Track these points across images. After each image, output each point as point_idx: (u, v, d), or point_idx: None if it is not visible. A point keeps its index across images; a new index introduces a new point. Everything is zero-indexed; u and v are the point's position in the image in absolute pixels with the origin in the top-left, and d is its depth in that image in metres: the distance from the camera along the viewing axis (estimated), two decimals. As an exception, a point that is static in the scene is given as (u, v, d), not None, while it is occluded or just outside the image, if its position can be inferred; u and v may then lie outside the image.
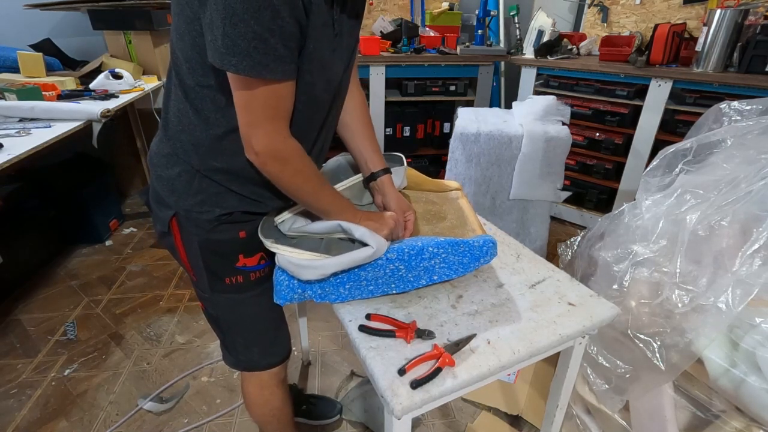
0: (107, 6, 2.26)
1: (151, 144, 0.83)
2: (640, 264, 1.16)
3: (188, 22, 0.64)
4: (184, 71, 0.69)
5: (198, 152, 0.74)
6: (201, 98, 0.70)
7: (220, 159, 0.74)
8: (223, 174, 0.76)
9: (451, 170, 1.94)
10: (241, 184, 0.78)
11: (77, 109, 1.71)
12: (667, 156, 1.34)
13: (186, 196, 0.77)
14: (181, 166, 0.76)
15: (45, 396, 1.49)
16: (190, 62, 0.68)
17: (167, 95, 0.76)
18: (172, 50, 0.71)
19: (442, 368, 0.68)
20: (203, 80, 0.68)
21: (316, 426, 1.39)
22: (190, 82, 0.70)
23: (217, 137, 0.73)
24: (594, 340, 1.20)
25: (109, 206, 2.53)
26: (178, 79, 0.71)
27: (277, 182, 0.73)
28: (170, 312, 1.89)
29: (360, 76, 2.54)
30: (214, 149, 0.74)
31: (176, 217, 0.79)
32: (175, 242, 0.82)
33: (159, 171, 0.79)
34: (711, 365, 0.99)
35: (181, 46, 0.68)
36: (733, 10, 1.90)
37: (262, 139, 0.67)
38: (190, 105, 0.72)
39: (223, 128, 0.72)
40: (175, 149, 0.76)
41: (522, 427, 1.38)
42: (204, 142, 0.73)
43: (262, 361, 0.95)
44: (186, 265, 0.85)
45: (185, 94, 0.71)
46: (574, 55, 2.55)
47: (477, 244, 0.82)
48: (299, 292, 0.80)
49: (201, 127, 0.72)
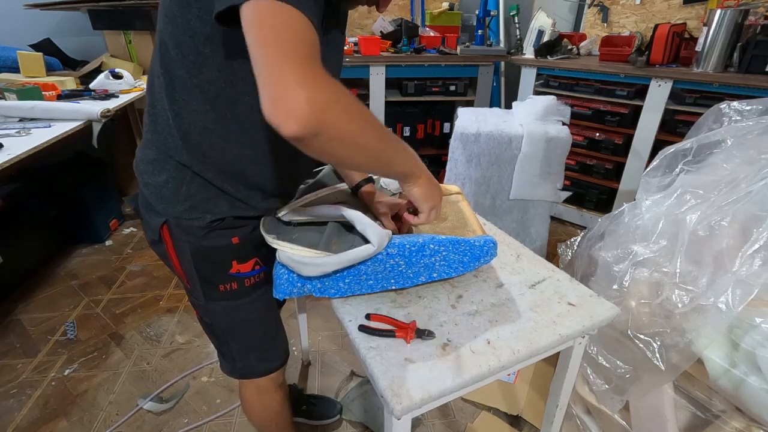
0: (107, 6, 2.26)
1: (136, 151, 0.79)
2: (640, 264, 1.16)
3: (182, 5, 0.61)
4: (173, 59, 0.65)
5: (188, 147, 0.71)
6: (190, 88, 0.66)
7: (211, 153, 0.71)
8: (215, 171, 0.73)
9: (451, 170, 1.94)
10: (234, 182, 0.75)
11: (77, 109, 1.71)
12: (667, 156, 1.34)
13: (175, 203, 0.74)
14: (168, 172, 0.73)
15: (45, 396, 1.49)
16: (180, 48, 0.63)
17: (150, 91, 0.72)
18: (159, 39, 0.66)
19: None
20: (194, 68, 0.64)
21: (316, 426, 1.39)
22: (180, 72, 0.65)
23: (206, 130, 0.69)
24: (594, 340, 1.20)
25: (109, 206, 2.53)
26: (164, 69, 0.66)
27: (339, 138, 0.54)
28: (170, 312, 1.89)
29: (360, 76, 2.58)
30: (204, 143, 0.70)
31: (167, 225, 0.77)
32: (167, 250, 0.80)
33: (146, 178, 0.75)
34: (711, 365, 0.99)
35: (171, 31, 0.63)
36: (733, 10, 1.90)
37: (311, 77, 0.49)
38: (179, 96, 0.67)
39: (213, 119, 0.68)
40: (162, 151, 0.73)
41: (522, 427, 1.38)
42: (193, 136, 0.69)
43: (259, 367, 0.93)
44: (179, 272, 0.82)
45: (172, 85, 0.67)
46: (574, 55, 2.55)
47: (478, 243, 0.82)
48: (298, 286, 0.80)
49: (190, 120, 0.69)
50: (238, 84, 0.66)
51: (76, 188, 2.29)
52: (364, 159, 0.61)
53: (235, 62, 0.64)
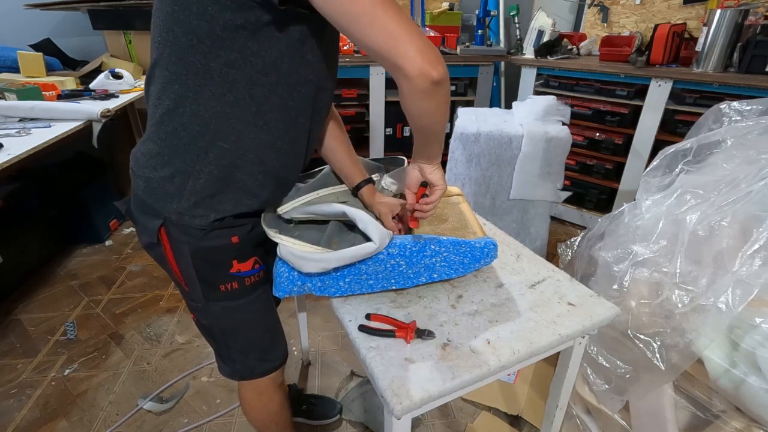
0: (107, 6, 2.26)
1: (132, 150, 0.78)
2: (640, 264, 1.16)
3: None
4: (183, 46, 0.64)
5: (202, 135, 0.69)
6: (204, 73, 0.65)
7: (227, 138, 0.70)
8: (231, 156, 0.72)
9: (451, 170, 1.94)
10: (248, 169, 0.74)
11: (77, 109, 1.71)
12: (667, 156, 1.34)
13: (179, 199, 0.73)
14: (174, 166, 0.72)
15: (45, 396, 1.49)
16: (195, 34, 0.63)
17: (155, 81, 0.70)
18: (165, 28, 0.65)
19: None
20: (210, 53, 0.64)
21: (316, 426, 1.39)
22: (195, 57, 0.64)
23: (224, 114, 0.69)
24: (594, 340, 1.20)
25: (109, 206, 2.53)
26: (176, 56, 0.65)
27: (447, 92, 0.64)
28: (170, 312, 1.89)
29: (360, 76, 2.57)
30: (222, 129, 0.69)
31: (165, 226, 0.76)
32: (165, 253, 0.79)
33: (147, 173, 0.74)
34: (711, 365, 0.99)
35: (184, 18, 0.62)
36: (733, 10, 1.90)
37: (426, 47, 0.58)
38: (192, 83, 0.66)
39: (230, 102, 0.68)
40: (168, 146, 0.71)
41: (522, 427, 1.38)
42: (210, 123, 0.69)
43: (258, 367, 0.92)
44: (177, 275, 0.81)
45: (183, 72, 0.66)
46: (574, 55, 2.55)
47: (478, 245, 0.82)
48: (299, 285, 0.80)
49: (206, 106, 0.68)
50: (258, 64, 0.66)
51: (76, 188, 2.29)
52: (443, 118, 0.70)
53: (256, 42, 0.64)
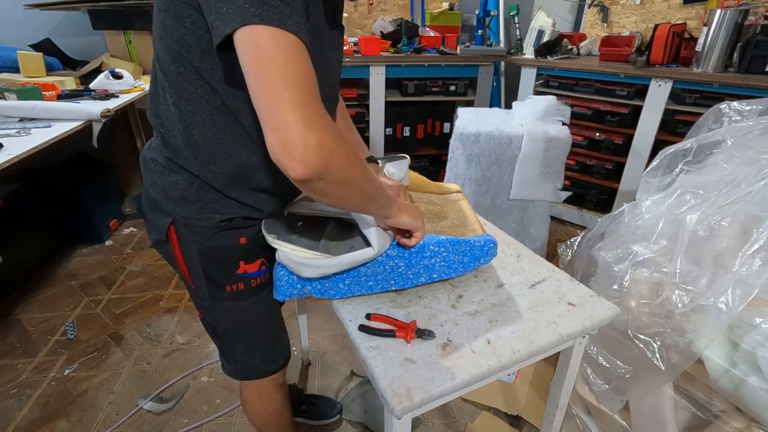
0: (107, 6, 2.26)
1: (144, 147, 0.79)
2: (640, 264, 1.16)
3: (177, 18, 0.60)
4: (173, 73, 0.64)
5: (197, 157, 0.71)
6: (196, 99, 0.66)
7: (220, 162, 0.71)
8: (224, 179, 0.73)
9: (451, 170, 1.94)
10: (240, 189, 0.75)
11: (77, 109, 1.71)
12: (667, 156, 1.34)
13: (184, 203, 0.74)
14: (179, 174, 0.73)
15: (45, 396, 1.49)
16: (180, 62, 0.63)
17: (155, 99, 0.71)
18: (157, 53, 0.65)
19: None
20: (196, 81, 0.64)
21: (316, 426, 1.39)
22: (183, 84, 0.65)
23: (215, 139, 0.69)
24: (594, 340, 1.20)
25: (109, 206, 2.53)
26: (168, 81, 0.66)
27: (341, 180, 0.56)
28: (170, 312, 1.89)
29: (360, 76, 2.57)
30: (213, 152, 0.70)
31: (174, 225, 0.76)
32: (173, 250, 0.80)
33: (155, 177, 0.75)
34: (711, 365, 0.99)
35: (168, 44, 0.62)
36: (733, 10, 1.90)
37: (318, 123, 0.50)
38: (185, 108, 0.67)
39: (220, 127, 0.68)
40: (171, 160, 0.73)
41: (522, 427, 1.38)
42: (203, 146, 0.69)
43: (261, 368, 0.93)
44: (184, 273, 0.82)
45: (178, 96, 0.66)
46: (574, 55, 2.55)
47: (478, 243, 0.82)
48: (298, 288, 0.80)
49: (199, 130, 0.68)
50: (239, 94, 0.65)
51: (76, 188, 2.28)
52: (357, 198, 0.63)
53: (236, 74, 0.61)
